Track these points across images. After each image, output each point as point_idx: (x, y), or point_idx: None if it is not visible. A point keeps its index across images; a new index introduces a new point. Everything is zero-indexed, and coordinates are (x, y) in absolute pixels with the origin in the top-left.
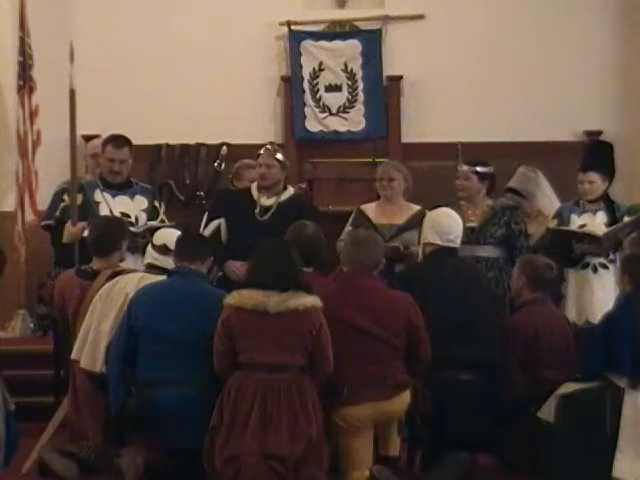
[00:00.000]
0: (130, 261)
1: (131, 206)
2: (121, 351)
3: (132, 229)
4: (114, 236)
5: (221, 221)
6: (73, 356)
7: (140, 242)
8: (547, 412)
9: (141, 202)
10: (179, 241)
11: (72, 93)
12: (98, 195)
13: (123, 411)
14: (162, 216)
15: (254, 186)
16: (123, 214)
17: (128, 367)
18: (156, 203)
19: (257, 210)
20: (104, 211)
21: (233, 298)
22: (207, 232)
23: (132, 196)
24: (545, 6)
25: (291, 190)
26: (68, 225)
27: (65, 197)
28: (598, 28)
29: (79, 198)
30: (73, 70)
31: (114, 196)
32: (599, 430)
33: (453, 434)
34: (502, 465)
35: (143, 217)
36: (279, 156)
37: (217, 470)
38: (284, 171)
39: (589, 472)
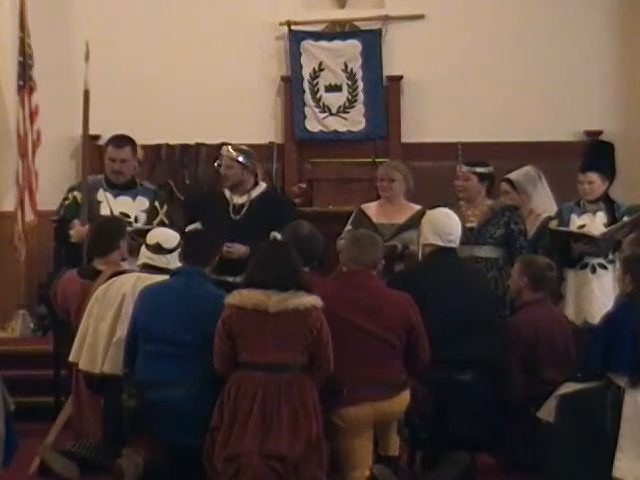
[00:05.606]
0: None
1: (132, 206)
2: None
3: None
4: (111, 235)
5: (197, 225)
6: (71, 358)
7: (131, 244)
8: (547, 412)
9: (142, 203)
10: (187, 241)
11: (86, 94)
12: (100, 195)
13: (123, 411)
14: (162, 216)
15: None
16: (123, 214)
17: (129, 367)
18: (156, 204)
19: (231, 209)
20: (104, 211)
21: (234, 297)
22: None
23: (134, 197)
24: (545, 6)
25: (263, 186)
26: (77, 225)
27: (70, 195)
28: (598, 28)
29: (81, 197)
30: (88, 71)
31: (116, 196)
32: (599, 430)
33: (453, 434)
34: (502, 465)
35: (143, 218)
36: (241, 158)
37: (217, 470)
38: (245, 171)
39: (589, 472)
